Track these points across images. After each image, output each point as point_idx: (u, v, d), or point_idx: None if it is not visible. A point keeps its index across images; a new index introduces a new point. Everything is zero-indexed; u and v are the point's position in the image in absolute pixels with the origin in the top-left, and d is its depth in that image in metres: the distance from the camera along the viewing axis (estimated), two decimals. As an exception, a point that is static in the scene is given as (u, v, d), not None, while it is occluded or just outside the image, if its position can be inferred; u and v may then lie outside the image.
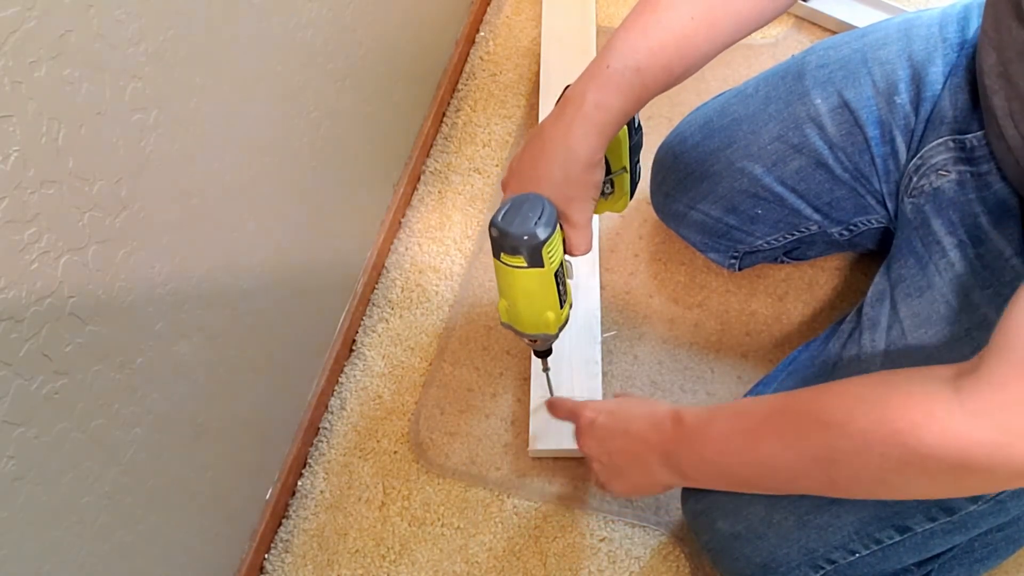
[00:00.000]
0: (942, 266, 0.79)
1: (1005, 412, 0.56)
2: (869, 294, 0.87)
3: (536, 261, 0.77)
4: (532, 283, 0.79)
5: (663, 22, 0.75)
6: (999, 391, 0.56)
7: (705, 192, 1.01)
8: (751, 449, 0.72)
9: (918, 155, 0.86)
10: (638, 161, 0.89)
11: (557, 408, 0.96)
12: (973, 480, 0.60)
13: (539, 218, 0.75)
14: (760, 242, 1.03)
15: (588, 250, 0.81)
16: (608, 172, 0.86)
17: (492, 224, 0.76)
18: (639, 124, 0.86)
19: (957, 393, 0.58)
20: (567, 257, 0.82)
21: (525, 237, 0.75)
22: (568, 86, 0.79)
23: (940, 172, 0.83)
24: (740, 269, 1.10)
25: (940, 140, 0.84)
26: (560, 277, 0.81)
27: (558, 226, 0.77)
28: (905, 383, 0.62)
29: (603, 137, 0.75)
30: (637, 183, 0.90)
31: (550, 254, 0.77)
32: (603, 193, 0.88)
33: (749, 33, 0.79)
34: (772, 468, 0.71)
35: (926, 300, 0.80)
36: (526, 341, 0.91)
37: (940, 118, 0.84)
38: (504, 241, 0.76)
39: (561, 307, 0.84)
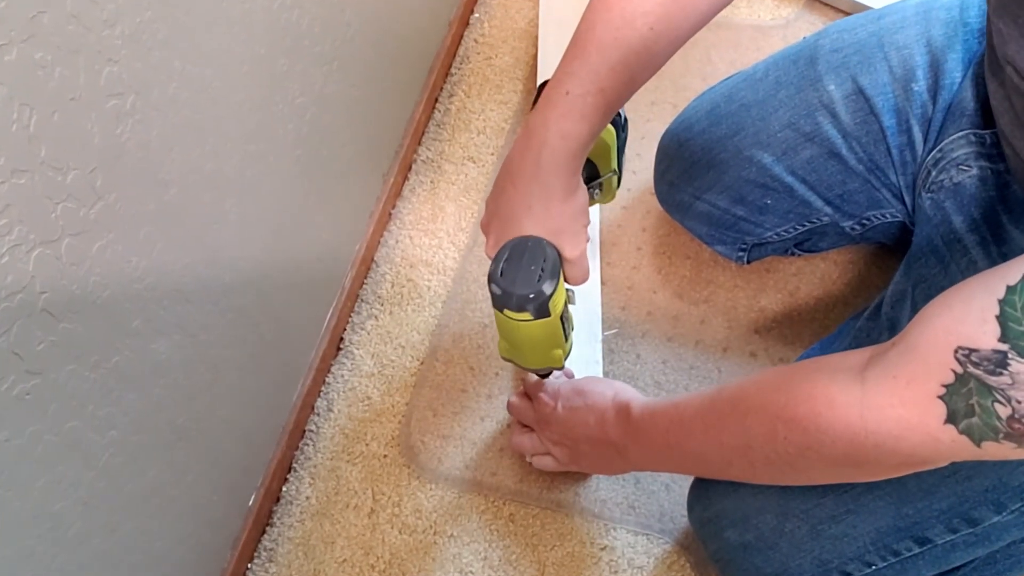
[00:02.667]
0: (964, 265, 0.79)
1: (906, 408, 0.59)
2: (889, 293, 0.87)
3: (543, 313, 0.76)
4: (538, 332, 0.79)
5: (622, 39, 0.74)
6: (904, 388, 0.59)
7: (711, 182, 1.01)
8: (687, 441, 0.79)
9: (937, 148, 0.86)
10: (623, 154, 0.89)
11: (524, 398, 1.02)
12: (867, 467, 0.65)
13: (542, 270, 0.74)
14: (769, 234, 1.03)
15: (587, 279, 0.82)
16: (598, 177, 0.86)
17: (492, 281, 0.76)
18: (625, 119, 0.86)
19: (862, 384, 0.62)
20: (567, 286, 0.82)
21: (531, 296, 0.74)
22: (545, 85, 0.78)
23: (961, 167, 0.83)
24: (748, 262, 1.11)
25: (961, 133, 0.83)
26: (565, 315, 0.81)
27: (561, 270, 0.77)
28: (815, 371, 0.67)
29: (574, 164, 0.76)
30: (622, 174, 0.90)
31: (555, 303, 0.76)
32: (594, 194, 0.88)
33: (712, 18, 0.79)
34: (705, 458, 0.79)
35: None
36: (530, 371, 0.91)
37: (961, 109, 0.84)
38: (508, 301, 0.75)
39: (567, 341, 0.84)
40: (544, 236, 0.77)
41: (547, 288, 0.74)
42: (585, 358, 1.09)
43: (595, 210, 1.06)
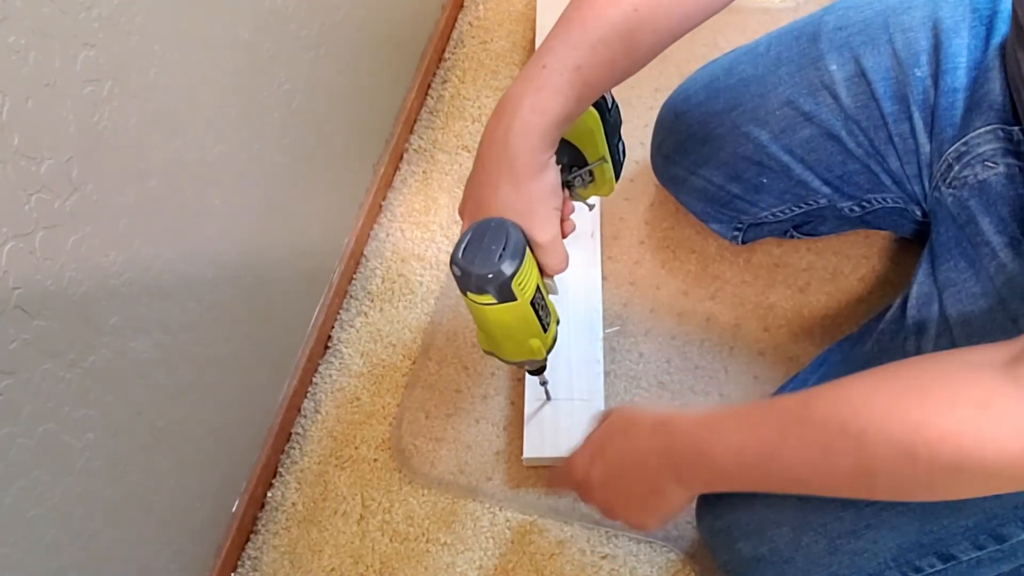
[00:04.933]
0: (993, 269, 0.79)
1: None
2: (914, 295, 0.87)
3: (507, 297, 0.77)
4: (507, 317, 0.79)
5: (604, 17, 0.74)
6: None
7: (707, 156, 1.03)
8: (772, 463, 0.70)
9: (961, 141, 0.86)
10: (619, 140, 0.89)
11: (558, 483, 0.94)
12: None
13: (503, 249, 0.75)
14: (765, 213, 1.04)
15: (564, 267, 0.81)
16: (584, 164, 0.86)
17: (452, 262, 0.76)
18: (613, 102, 0.86)
19: (1015, 382, 0.57)
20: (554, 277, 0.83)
21: (490, 275, 0.75)
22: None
23: (987, 163, 0.83)
24: (744, 242, 1.13)
25: (988, 127, 0.83)
26: (539, 302, 0.81)
27: (527, 252, 0.77)
28: (946, 374, 0.61)
29: (545, 141, 0.75)
30: (622, 163, 0.90)
31: (521, 285, 0.76)
32: (584, 183, 0.89)
33: (701, 21, 0.78)
34: (802, 480, 0.70)
35: (980, 307, 0.80)
36: (514, 366, 0.91)
37: (989, 102, 0.84)
38: (468, 281, 0.76)
39: (545, 331, 0.84)
40: (512, 218, 0.77)
41: (507, 268, 0.75)
42: (585, 357, 1.09)
43: (595, 201, 1.06)
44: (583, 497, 0.88)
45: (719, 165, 1.02)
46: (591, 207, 0.93)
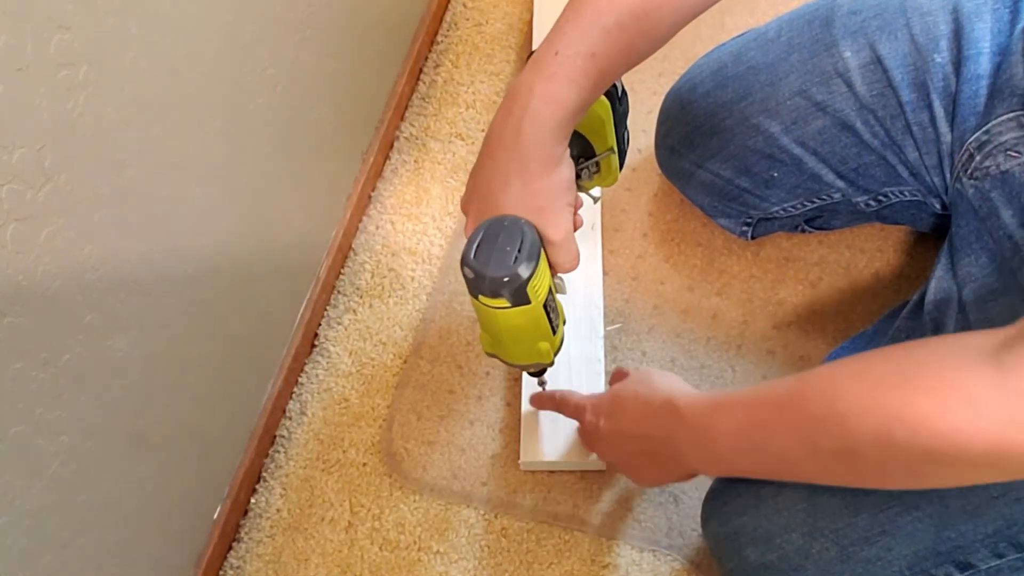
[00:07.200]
0: (1017, 263, 0.80)
1: None
2: (931, 291, 0.87)
3: (521, 300, 0.76)
4: (519, 320, 0.79)
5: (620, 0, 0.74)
6: None
7: (715, 149, 1.03)
8: (765, 446, 0.74)
9: (982, 129, 0.86)
10: (625, 129, 0.89)
11: (542, 401, 1.02)
12: (1015, 467, 0.60)
13: (519, 251, 0.74)
14: (776, 208, 1.04)
15: (576, 265, 0.81)
16: (592, 155, 0.86)
17: (464, 263, 0.76)
18: (623, 91, 0.86)
19: (999, 370, 0.58)
20: (560, 275, 0.83)
21: (506, 279, 0.74)
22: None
23: (1010, 153, 0.83)
24: (753, 238, 1.13)
25: (1011, 115, 0.83)
26: (550, 303, 0.81)
27: (541, 252, 0.77)
28: (932, 357, 0.63)
29: (558, 133, 0.75)
30: (626, 152, 0.90)
31: (536, 288, 0.76)
32: (589, 174, 0.89)
33: (715, 1, 0.79)
34: (791, 464, 0.74)
35: (1002, 304, 0.80)
36: (518, 368, 0.91)
37: (1011, 88, 0.84)
38: (481, 284, 0.75)
39: (555, 333, 0.84)
40: (524, 215, 0.77)
41: (523, 271, 0.74)
42: (586, 356, 1.10)
43: (599, 193, 1.06)
44: (586, 442, 0.99)
45: (727, 158, 1.02)
46: (596, 199, 0.93)
